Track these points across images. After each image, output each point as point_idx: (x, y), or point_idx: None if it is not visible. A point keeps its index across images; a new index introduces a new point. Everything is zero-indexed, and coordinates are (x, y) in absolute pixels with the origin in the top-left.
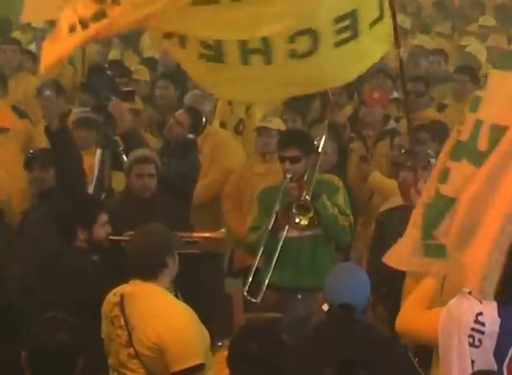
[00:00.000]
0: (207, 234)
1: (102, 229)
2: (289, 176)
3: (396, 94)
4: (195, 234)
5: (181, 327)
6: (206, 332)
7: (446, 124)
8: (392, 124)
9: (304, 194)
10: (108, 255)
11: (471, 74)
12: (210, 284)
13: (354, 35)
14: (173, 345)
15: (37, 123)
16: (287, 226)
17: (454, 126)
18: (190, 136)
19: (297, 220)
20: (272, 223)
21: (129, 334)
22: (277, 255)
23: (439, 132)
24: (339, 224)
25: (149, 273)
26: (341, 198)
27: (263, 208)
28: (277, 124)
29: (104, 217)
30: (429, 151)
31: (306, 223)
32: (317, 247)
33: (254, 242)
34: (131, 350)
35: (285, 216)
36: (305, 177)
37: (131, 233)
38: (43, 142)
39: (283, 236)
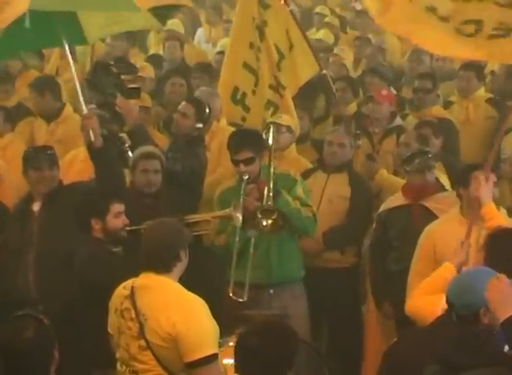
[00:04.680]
0: (215, 214)
1: (117, 219)
2: (245, 178)
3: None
4: (204, 214)
5: (196, 317)
6: (217, 325)
7: (452, 121)
8: (398, 121)
9: (266, 199)
10: (130, 246)
11: (477, 71)
12: (216, 282)
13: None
14: (188, 335)
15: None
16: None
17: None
18: (199, 125)
19: (264, 224)
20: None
21: (141, 326)
22: (247, 253)
23: (442, 128)
24: (303, 217)
25: (164, 266)
26: (300, 189)
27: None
28: (287, 120)
29: (117, 207)
30: (429, 152)
31: (270, 224)
32: (283, 241)
33: (223, 245)
34: (142, 342)
35: (251, 221)
36: (260, 176)
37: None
38: (49, 141)
39: (253, 234)
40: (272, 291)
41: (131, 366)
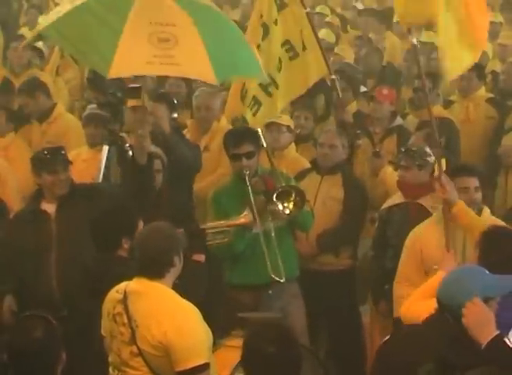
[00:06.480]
0: (235, 221)
1: None
2: (246, 172)
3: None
4: (222, 223)
5: (188, 326)
6: (210, 332)
7: (453, 121)
8: (398, 121)
9: (279, 182)
10: None
11: (477, 70)
12: (215, 283)
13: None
14: (180, 344)
15: None
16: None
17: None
18: (174, 115)
19: (288, 211)
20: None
21: (133, 332)
22: (245, 253)
23: (443, 128)
24: (303, 210)
25: (156, 272)
26: None
27: (220, 210)
28: (287, 121)
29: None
30: (427, 149)
31: (293, 207)
32: (281, 239)
33: (225, 245)
34: (134, 348)
35: (267, 211)
36: (259, 171)
37: None
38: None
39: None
40: (270, 292)
41: (123, 371)
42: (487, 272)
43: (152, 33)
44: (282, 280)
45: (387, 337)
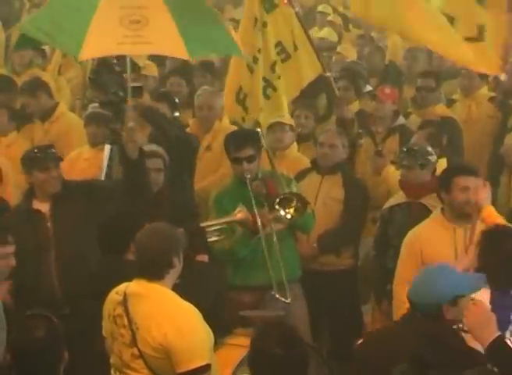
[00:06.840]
0: (232, 218)
1: None
2: (247, 176)
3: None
4: (220, 220)
5: (188, 328)
6: (211, 332)
7: (456, 120)
8: (401, 120)
9: (282, 188)
10: None
11: None
12: (217, 283)
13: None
14: (180, 346)
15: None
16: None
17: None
18: (176, 114)
19: (289, 216)
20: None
21: (133, 334)
22: (248, 255)
23: (446, 127)
24: (305, 212)
25: (156, 274)
26: (295, 188)
27: (222, 211)
28: (289, 120)
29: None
30: (429, 148)
31: (293, 212)
32: (283, 241)
33: (227, 250)
34: (135, 350)
35: (269, 216)
36: (259, 174)
37: None
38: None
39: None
40: (273, 292)
41: (124, 373)
42: (457, 270)
43: (123, 17)
44: (287, 301)
45: (361, 339)
